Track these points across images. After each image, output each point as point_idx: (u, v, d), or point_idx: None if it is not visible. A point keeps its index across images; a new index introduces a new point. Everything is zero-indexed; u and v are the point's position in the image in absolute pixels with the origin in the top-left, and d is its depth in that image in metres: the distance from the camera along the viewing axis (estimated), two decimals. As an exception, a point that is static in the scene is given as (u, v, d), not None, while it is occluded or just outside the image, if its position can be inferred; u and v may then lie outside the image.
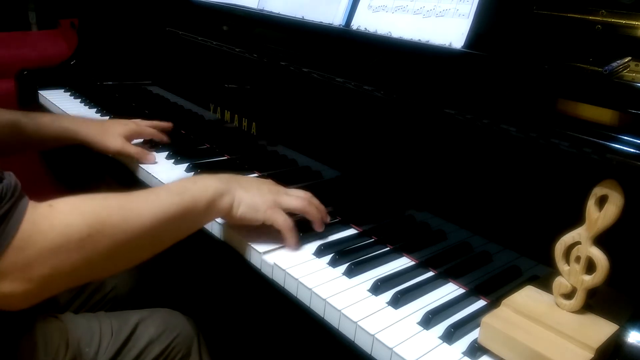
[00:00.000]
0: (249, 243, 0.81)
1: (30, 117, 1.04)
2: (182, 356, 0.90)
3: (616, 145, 0.57)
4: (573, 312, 0.61)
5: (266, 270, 0.78)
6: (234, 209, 0.75)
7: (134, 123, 1.14)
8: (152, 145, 1.15)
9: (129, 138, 1.09)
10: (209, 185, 0.73)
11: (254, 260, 0.80)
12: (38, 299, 0.57)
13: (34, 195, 0.60)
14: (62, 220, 0.56)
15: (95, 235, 0.57)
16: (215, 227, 0.88)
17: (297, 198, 0.80)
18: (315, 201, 0.83)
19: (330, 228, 0.87)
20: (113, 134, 1.07)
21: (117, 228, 0.59)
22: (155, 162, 1.08)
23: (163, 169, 1.07)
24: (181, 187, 0.70)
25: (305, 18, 1.00)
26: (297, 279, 0.73)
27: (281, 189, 0.82)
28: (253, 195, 0.76)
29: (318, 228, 0.81)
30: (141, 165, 1.08)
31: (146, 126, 1.15)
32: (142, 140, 1.15)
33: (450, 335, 0.63)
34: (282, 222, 0.77)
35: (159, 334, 0.88)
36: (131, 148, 1.07)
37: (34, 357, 0.75)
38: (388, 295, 0.70)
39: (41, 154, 1.75)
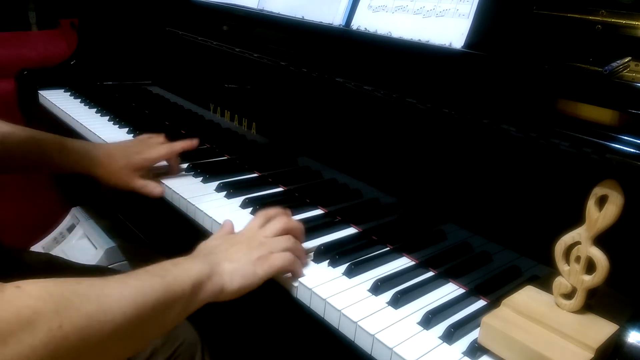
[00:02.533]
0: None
1: (56, 143, 0.98)
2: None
3: (616, 145, 0.57)
4: (573, 312, 0.61)
5: (266, 270, 0.78)
6: (228, 286, 0.67)
7: (141, 159, 1.00)
8: None
9: (136, 169, 1.00)
10: (192, 266, 0.65)
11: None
12: None
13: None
14: (30, 305, 0.46)
15: (66, 327, 0.47)
16: (214, 227, 0.88)
17: (283, 237, 0.74)
18: (293, 224, 0.78)
19: (331, 228, 0.87)
20: (118, 171, 0.99)
21: (91, 319, 0.50)
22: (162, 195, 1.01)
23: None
24: (161, 269, 0.62)
25: (305, 18, 1.00)
26: (297, 279, 0.73)
27: (260, 234, 0.74)
28: (241, 263, 0.69)
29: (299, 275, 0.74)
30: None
31: (156, 143, 1.04)
32: None
33: (450, 335, 0.63)
34: (283, 262, 0.71)
35: (163, 342, 0.87)
36: (136, 184, 0.99)
37: None
38: (388, 295, 0.70)
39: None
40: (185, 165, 1.08)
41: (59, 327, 0.47)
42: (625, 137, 0.57)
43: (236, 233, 0.78)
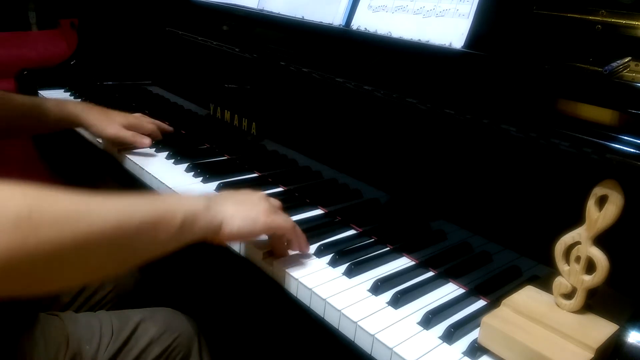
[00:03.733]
0: (249, 243, 0.81)
1: (36, 101, 1.07)
2: (183, 356, 0.90)
3: (616, 145, 0.57)
4: (573, 312, 0.61)
5: (266, 270, 0.78)
6: (227, 225, 0.67)
7: (134, 117, 1.18)
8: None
9: (127, 128, 1.13)
10: (186, 200, 0.65)
11: (255, 260, 0.80)
12: None
13: None
14: (2, 195, 0.46)
15: (37, 220, 0.45)
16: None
17: (283, 213, 0.75)
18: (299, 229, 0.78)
19: (330, 228, 0.87)
20: (112, 121, 1.12)
21: (66, 219, 0.48)
22: (149, 147, 1.14)
23: (163, 169, 1.07)
24: (156, 198, 0.62)
25: (305, 18, 1.00)
26: (297, 279, 0.73)
27: (263, 199, 0.75)
28: (245, 207, 0.69)
29: (303, 249, 0.77)
30: (141, 166, 1.08)
31: (147, 122, 1.18)
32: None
33: (450, 335, 0.63)
34: (285, 223, 0.72)
35: (160, 334, 0.88)
36: (126, 133, 1.11)
37: (34, 354, 0.75)
38: (388, 295, 0.70)
39: (42, 157, 1.75)
40: (185, 165, 1.08)
41: (29, 216, 0.45)
42: (625, 137, 0.57)
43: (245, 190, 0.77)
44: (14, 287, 0.47)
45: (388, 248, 0.83)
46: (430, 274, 0.77)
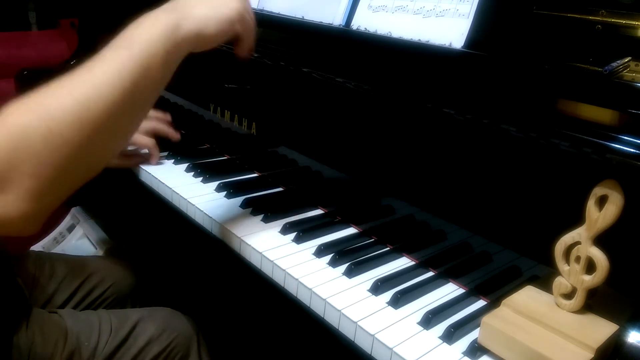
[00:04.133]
0: (249, 243, 0.81)
1: None
2: (182, 356, 0.90)
3: (616, 145, 0.57)
4: (573, 312, 0.61)
5: (266, 270, 0.78)
6: (203, 31, 0.64)
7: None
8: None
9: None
10: (155, 21, 0.61)
11: (254, 259, 0.80)
12: (40, 215, 0.53)
13: None
14: (17, 122, 0.50)
15: (57, 128, 0.50)
16: (214, 227, 0.88)
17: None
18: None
19: (330, 228, 0.87)
20: None
21: (73, 112, 0.52)
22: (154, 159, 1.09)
23: (163, 169, 1.07)
24: (125, 39, 0.60)
25: (305, 18, 1.00)
26: (297, 279, 0.73)
27: None
28: (215, 5, 0.66)
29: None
30: (141, 166, 1.08)
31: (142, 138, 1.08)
32: None
33: (450, 335, 0.63)
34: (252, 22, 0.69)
35: (158, 333, 0.88)
36: (122, 162, 1.04)
37: (31, 351, 0.76)
38: (388, 295, 0.70)
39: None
40: (185, 165, 1.08)
41: (50, 130, 0.49)
42: (625, 137, 0.57)
43: None
44: (72, 182, 0.55)
45: (388, 248, 0.83)
46: (430, 274, 0.77)
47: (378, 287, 0.71)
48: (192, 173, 1.05)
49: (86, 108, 0.52)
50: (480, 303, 0.72)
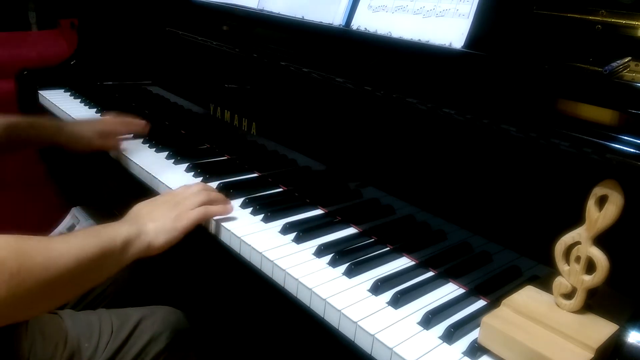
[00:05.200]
0: (249, 242, 0.81)
1: (12, 122, 1.10)
2: (182, 355, 0.90)
3: (616, 145, 0.57)
4: (573, 312, 0.61)
5: (266, 270, 0.78)
6: (154, 242, 0.78)
7: (103, 124, 1.22)
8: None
9: (100, 137, 1.17)
10: (120, 228, 0.75)
11: (254, 260, 0.80)
12: None
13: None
14: None
15: (23, 273, 0.58)
16: (214, 227, 0.88)
17: (196, 194, 0.86)
18: (210, 187, 0.90)
19: (330, 228, 0.87)
20: (82, 137, 1.16)
21: (41, 267, 0.61)
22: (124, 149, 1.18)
23: (163, 169, 1.07)
24: (96, 230, 0.73)
25: (305, 18, 1.00)
26: (297, 279, 0.73)
27: (178, 195, 0.86)
28: (162, 221, 0.80)
29: (228, 211, 0.89)
30: (141, 166, 1.08)
31: (118, 125, 1.22)
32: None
33: (450, 335, 0.63)
34: (197, 215, 0.83)
35: (159, 332, 0.88)
36: (97, 143, 1.16)
37: (31, 353, 0.76)
38: (388, 295, 0.70)
39: (42, 158, 1.75)
40: (185, 165, 1.08)
41: (18, 272, 0.58)
42: (625, 137, 0.57)
43: (160, 195, 0.89)
44: (5, 318, 0.61)
45: (388, 248, 0.83)
46: (430, 274, 0.77)
47: (378, 287, 0.71)
48: (192, 173, 1.05)
49: (51, 266, 0.62)
50: (480, 303, 0.72)
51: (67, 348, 0.78)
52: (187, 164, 1.08)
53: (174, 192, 0.89)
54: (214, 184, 1.00)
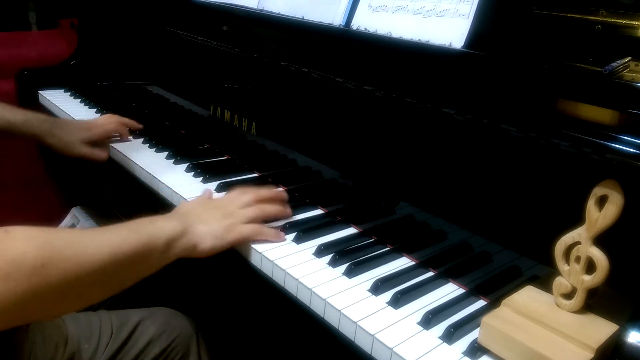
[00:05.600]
0: (249, 243, 0.81)
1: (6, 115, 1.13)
2: (182, 356, 0.90)
3: (616, 145, 0.57)
4: (573, 312, 0.61)
5: (266, 270, 0.78)
6: (201, 245, 0.75)
7: (95, 126, 1.20)
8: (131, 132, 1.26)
9: (92, 140, 1.18)
10: (166, 225, 0.72)
11: (254, 260, 0.80)
12: None
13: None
14: (16, 246, 0.53)
15: (48, 267, 0.54)
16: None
17: (251, 208, 0.82)
18: (265, 193, 0.85)
19: (330, 228, 0.87)
20: (73, 140, 1.16)
21: (70, 261, 0.57)
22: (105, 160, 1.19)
23: (163, 169, 1.07)
24: (139, 226, 0.68)
25: (305, 18, 1.00)
26: (297, 279, 0.73)
27: (231, 204, 0.82)
28: (213, 226, 0.77)
29: (287, 216, 0.87)
30: (141, 166, 1.08)
31: (109, 124, 1.21)
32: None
33: (450, 335, 0.63)
34: (250, 233, 0.79)
35: (159, 334, 0.88)
36: (85, 151, 1.16)
37: (32, 353, 0.76)
38: (388, 295, 0.70)
39: (39, 152, 1.75)
40: (185, 165, 1.08)
41: (42, 265, 0.53)
42: (625, 137, 0.57)
43: (212, 199, 0.86)
44: (27, 318, 0.57)
45: (388, 248, 0.83)
46: (430, 274, 0.77)
47: (378, 287, 0.71)
48: (192, 173, 1.05)
49: (81, 261, 0.58)
50: (480, 303, 0.72)
51: (67, 349, 0.78)
52: (187, 164, 1.08)
53: (226, 198, 0.85)
54: (213, 184, 1.00)
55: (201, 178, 1.03)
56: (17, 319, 0.56)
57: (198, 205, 0.81)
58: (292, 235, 0.83)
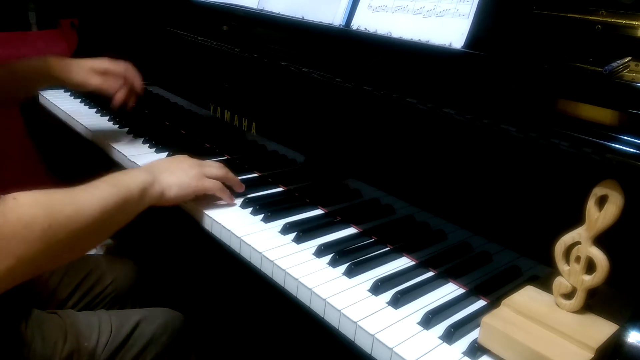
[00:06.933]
0: (249, 242, 0.81)
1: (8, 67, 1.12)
2: (181, 356, 0.90)
3: (616, 145, 0.57)
4: (573, 312, 0.61)
5: (266, 270, 0.78)
6: (167, 193, 0.83)
7: (102, 62, 1.17)
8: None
9: (98, 73, 1.16)
10: (137, 175, 0.80)
11: (254, 259, 0.80)
12: (6, 286, 0.60)
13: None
14: (27, 212, 0.60)
15: (54, 226, 0.62)
16: (214, 227, 0.88)
17: (217, 168, 0.91)
18: (228, 171, 0.94)
19: (330, 228, 0.87)
20: (79, 68, 1.14)
21: (70, 219, 0.65)
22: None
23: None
24: (115, 179, 0.76)
25: (305, 18, 1.00)
26: (297, 279, 0.73)
27: (199, 161, 0.91)
28: (179, 176, 0.85)
29: (239, 189, 0.95)
30: (141, 166, 1.08)
31: (118, 71, 1.19)
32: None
33: (450, 335, 0.63)
34: (212, 185, 0.88)
35: (159, 334, 0.88)
36: (95, 80, 1.15)
37: (31, 352, 0.76)
38: (388, 295, 0.70)
39: (39, 152, 1.75)
40: (185, 165, 1.08)
41: (49, 226, 0.62)
42: (625, 137, 0.57)
43: (185, 157, 0.92)
44: (40, 269, 0.66)
45: (388, 248, 0.83)
46: (430, 274, 0.77)
47: (378, 287, 0.71)
48: (192, 173, 1.05)
49: (79, 217, 0.66)
50: (480, 303, 0.72)
51: (66, 347, 0.79)
52: (187, 164, 1.08)
53: (195, 160, 0.92)
54: (214, 184, 1.00)
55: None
56: (33, 269, 0.63)
57: (168, 159, 0.91)
58: (292, 235, 0.83)
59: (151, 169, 0.84)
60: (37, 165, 1.76)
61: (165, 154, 1.14)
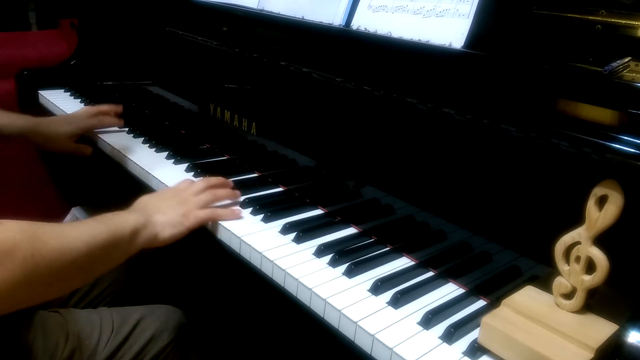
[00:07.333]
0: (249, 242, 0.81)
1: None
2: (182, 354, 0.90)
3: (616, 145, 0.57)
4: (573, 312, 0.61)
5: (266, 270, 0.78)
6: (161, 234, 0.81)
7: (77, 119, 1.28)
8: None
9: (78, 132, 1.26)
10: (129, 217, 0.78)
11: (254, 259, 0.80)
12: None
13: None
14: (11, 237, 0.58)
15: (37, 257, 0.60)
16: (214, 227, 0.88)
17: (204, 193, 0.88)
18: (214, 181, 0.92)
19: (330, 228, 0.87)
20: (57, 137, 1.23)
21: (54, 252, 0.63)
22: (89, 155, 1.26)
23: (163, 169, 1.07)
24: (106, 218, 0.75)
25: (305, 18, 1.00)
26: (297, 279, 0.73)
27: (185, 192, 0.88)
28: (170, 216, 0.83)
29: (234, 199, 0.93)
30: (141, 166, 1.08)
31: (89, 118, 1.27)
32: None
33: (450, 335, 0.63)
34: (206, 216, 0.86)
35: (160, 331, 0.88)
36: (71, 146, 1.25)
37: (32, 350, 0.76)
38: (388, 295, 0.70)
39: (42, 157, 1.75)
40: (185, 165, 1.08)
41: (32, 256, 0.59)
42: (625, 137, 0.57)
43: (164, 189, 0.93)
44: (18, 303, 0.62)
45: (388, 248, 0.83)
46: (430, 274, 0.77)
47: (378, 287, 0.71)
48: (193, 173, 1.05)
49: (63, 251, 0.64)
50: (480, 303, 0.72)
51: (68, 345, 0.79)
52: (187, 164, 1.08)
53: (178, 187, 0.90)
54: (214, 184, 1.00)
55: (201, 178, 1.03)
56: (9, 305, 0.60)
57: (154, 196, 0.87)
58: (292, 235, 0.83)
59: (142, 210, 0.82)
60: (37, 166, 1.76)
61: (166, 153, 1.14)
